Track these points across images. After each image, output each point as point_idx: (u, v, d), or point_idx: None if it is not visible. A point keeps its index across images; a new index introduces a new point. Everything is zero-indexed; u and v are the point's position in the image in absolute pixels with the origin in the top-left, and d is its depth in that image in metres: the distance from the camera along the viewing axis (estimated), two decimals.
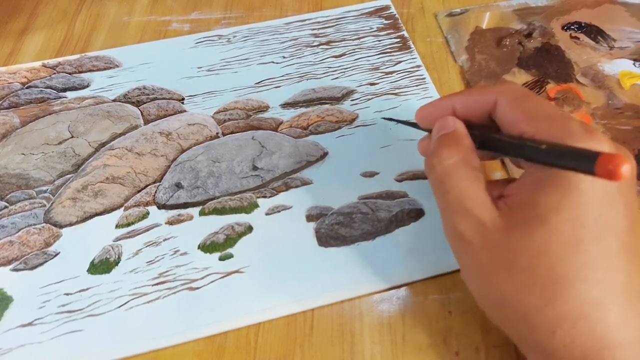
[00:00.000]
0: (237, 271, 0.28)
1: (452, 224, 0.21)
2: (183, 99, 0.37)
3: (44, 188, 0.32)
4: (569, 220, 0.19)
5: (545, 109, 0.21)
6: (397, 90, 0.36)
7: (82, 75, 0.39)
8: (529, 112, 0.21)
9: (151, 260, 0.29)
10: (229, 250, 0.29)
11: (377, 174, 0.32)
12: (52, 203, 0.32)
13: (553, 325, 0.19)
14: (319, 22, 0.42)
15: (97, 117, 0.36)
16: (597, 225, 0.19)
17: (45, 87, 0.38)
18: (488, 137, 0.23)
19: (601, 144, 0.19)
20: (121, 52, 0.40)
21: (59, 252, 0.29)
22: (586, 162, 0.17)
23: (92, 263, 0.29)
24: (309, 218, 0.30)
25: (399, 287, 0.27)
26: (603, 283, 0.18)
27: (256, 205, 0.31)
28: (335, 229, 0.29)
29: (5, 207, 0.32)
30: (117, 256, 0.29)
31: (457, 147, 0.22)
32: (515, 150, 0.21)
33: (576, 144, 0.19)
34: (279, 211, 0.31)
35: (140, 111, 0.36)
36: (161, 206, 0.31)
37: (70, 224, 0.31)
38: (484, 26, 0.41)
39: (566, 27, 0.40)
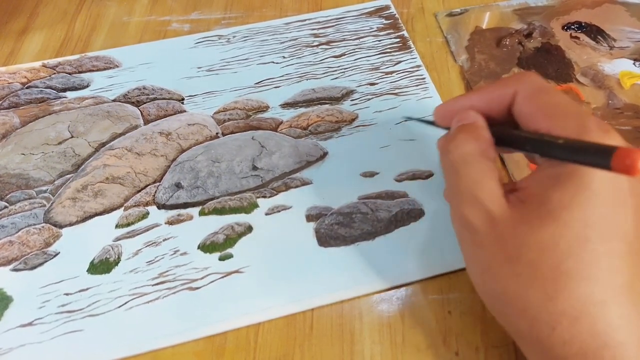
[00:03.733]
0: (237, 271, 0.28)
1: (461, 211, 0.21)
2: (183, 99, 0.37)
3: (44, 188, 0.32)
4: (579, 219, 0.19)
5: (561, 105, 0.21)
6: (397, 90, 0.36)
7: (82, 75, 0.39)
8: (545, 108, 0.21)
9: (151, 260, 0.29)
10: (229, 250, 0.29)
11: (377, 174, 0.32)
12: (52, 203, 0.32)
13: (553, 321, 0.19)
14: (318, 22, 0.42)
15: (97, 117, 0.36)
16: (606, 225, 0.19)
17: (45, 87, 0.38)
18: (505, 132, 0.23)
19: (617, 143, 0.19)
20: (121, 52, 0.40)
21: (59, 252, 0.29)
22: (602, 157, 0.17)
23: (92, 263, 0.29)
24: (309, 218, 0.30)
25: (398, 287, 0.27)
26: (607, 283, 0.18)
27: (256, 205, 0.31)
28: (335, 229, 0.29)
29: (5, 207, 0.32)
30: (116, 256, 0.29)
31: (475, 135, 0.22)
32: (533, 145, 0.21)
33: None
34: (279, 211, 0.31)
35: (140, 111, 0.36)
36: (161, 206, 0.31)
37: (70, 224, 0.31)
38: (484, 26, 0.41)
39: (566, 27, 0.40)
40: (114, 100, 0.37)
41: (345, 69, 0.38)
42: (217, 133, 0.35)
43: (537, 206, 0.20)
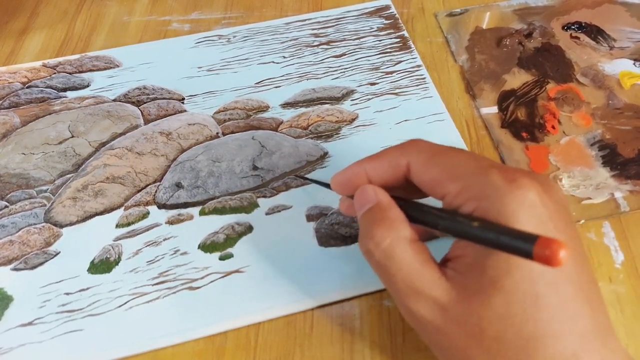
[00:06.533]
0: (237, 271, 0.28)
1: (407, 307, 0.20)
2: (183, 98, 0.37)
3: (44, 188, 0.32)
4: (522, 279, 0.18)
5: (460, 164, 0.21)
6: (397, 90, 0.36)
7: (83, 75, 0.39)
8: (447, 170, 0.21)
9: (151, 260, 0.29)
10: (229, 250, 0.29)
11: None
12: (53, 203, 0.32)
13: None
14: (319, 22, 0.42)
15: (97, 117, 0.36)
16: (548, 274, 0.18)
17: (46, 87, 0.38)
18: (414, 208, 0.21)
19: (525, 191, 0.19)
20: (121, 52, 0.40)
21: (59, 252, 0.29)
22: (522, 246, 0.17)
23: (92, 262, 0.29)
24: (309, 218, 0.30)
25: None
26: (573, 333, 0.18)
27: (256, 205, 0.31)
28: (335, 229, 0.29)
29: (6, 206, 0.32)
30: (117, 256, 0.29)
31: (387, 223, 0.21)
32: (445, 224, 0.20)
33: (500, 198, 0.19)
34: (279, 211, 0.31)
35: (141, 111, 0.36)
36: (161, 206, 0.31)
37: (71, 224, 0.31)
38: (484, 26, 0.41)
39: (566, 27, 0.40)
40: (114, 100, 0.37)
41: (345, 68, 0.38)
42: (217, 133, 0.35)
43: (478, 277, 0.19)
